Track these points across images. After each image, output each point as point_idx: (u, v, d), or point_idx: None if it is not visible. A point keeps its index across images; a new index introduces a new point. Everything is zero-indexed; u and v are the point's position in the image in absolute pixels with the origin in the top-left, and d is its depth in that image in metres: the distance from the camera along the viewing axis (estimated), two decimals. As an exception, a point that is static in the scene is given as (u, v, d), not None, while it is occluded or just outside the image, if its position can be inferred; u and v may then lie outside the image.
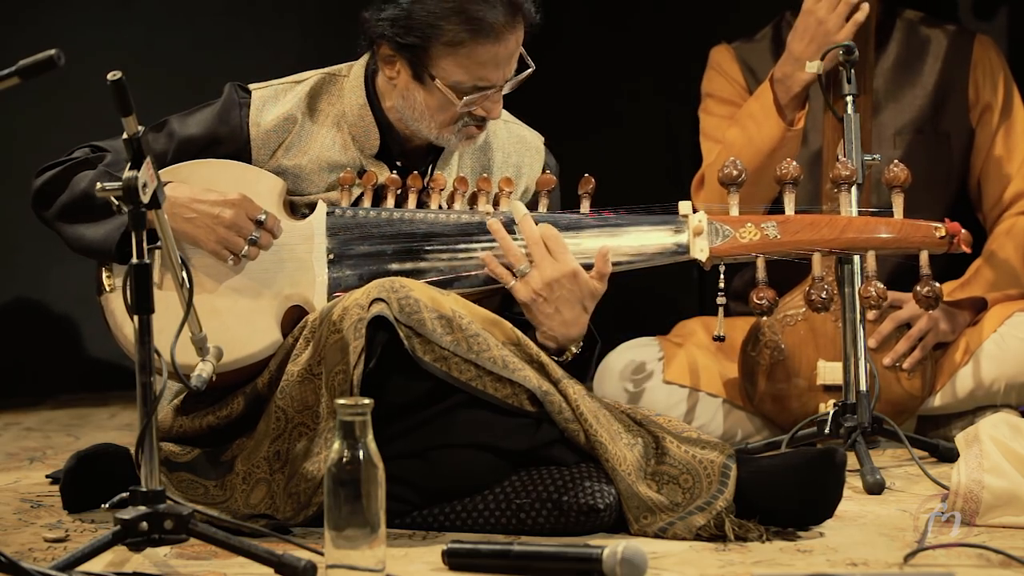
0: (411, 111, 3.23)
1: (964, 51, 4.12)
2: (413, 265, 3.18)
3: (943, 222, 3.28)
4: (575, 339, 3.14)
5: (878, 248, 3.26)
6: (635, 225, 3.22)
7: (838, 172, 3.37)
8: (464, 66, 3.15)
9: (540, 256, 3.11)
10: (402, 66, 3.21)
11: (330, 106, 3.31)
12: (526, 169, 3.40)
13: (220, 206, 3.12)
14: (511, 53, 3.18)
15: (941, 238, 3.26)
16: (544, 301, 3.10)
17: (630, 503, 2.95)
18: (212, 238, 3.12)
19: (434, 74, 3.16)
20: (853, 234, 3.26)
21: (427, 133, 3.24)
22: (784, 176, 3.30)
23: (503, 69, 3.18)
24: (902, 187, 3.31)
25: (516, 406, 2.98)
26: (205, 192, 3.12)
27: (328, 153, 3.28)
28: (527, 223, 3.14)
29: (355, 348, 2.91)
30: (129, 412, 4.70)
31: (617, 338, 4.12)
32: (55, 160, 3.24)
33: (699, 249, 3.20)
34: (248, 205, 3.14)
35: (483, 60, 3.15)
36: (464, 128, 3.24)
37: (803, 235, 3.24)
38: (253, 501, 3.01)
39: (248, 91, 3.32)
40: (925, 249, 3.26)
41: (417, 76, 3.19)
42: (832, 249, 3.26)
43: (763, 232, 3.22)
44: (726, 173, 3.27)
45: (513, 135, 3.42)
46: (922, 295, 3.27)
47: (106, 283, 3.20)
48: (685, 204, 3.24)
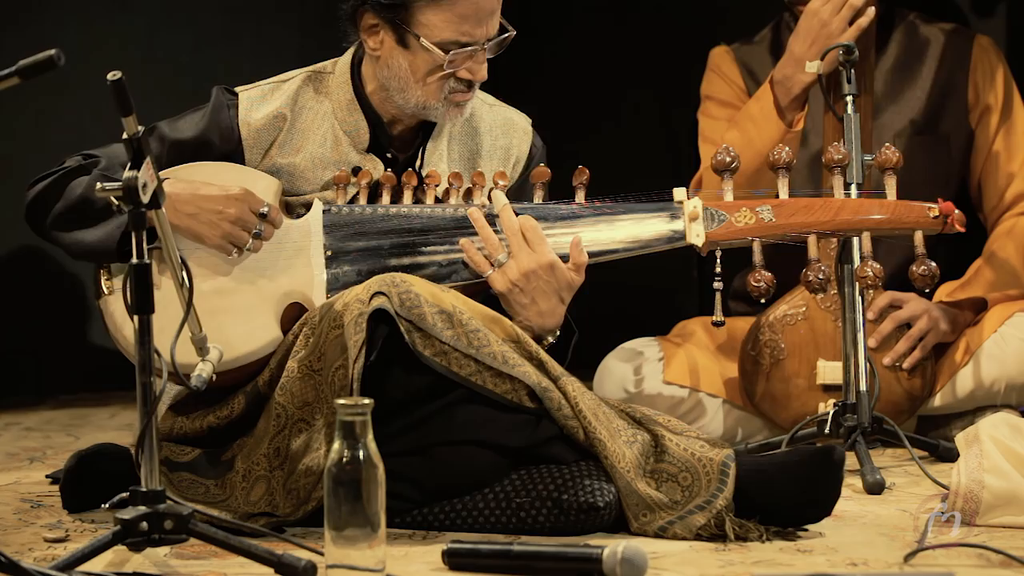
0: (396, 80, 3.24)
1: (964, 52, 4.12)
2: (411, 260, 3.20)
3: (936, 202, 3.30)
4: (551, 329, 3.18)
5: (872, 229, 3.30)
6: (630, 213, 3.24)
7: (830, 156, 3.39)
8: (446, 20, 3.17)
9: (518, 247, 3.14)
10: (385, 33, 3.22)
11: (319, 103, 3.33)
12: (514, 151, 3.43)
13: (224, 201, 3.13)
14: (492, 8, 3.21)
15: (935, 218, 3.29)
16: (520, 291, 3.13)
17: (629, 500, 2.95)
18: (217, 233, 3.13)
19: (417, 32, 3.18)
20: (847, 216, 3.29)
21: (414, 102, 3.24)
22: (776, 161, 3.35)
23: (485, 25, 3.20)
24: (894, 169, 3.35)
25: (515, 402, 2.99)
26: (206, 187, 3.13)
27: (321, 150, 3.30)
28: (506, 213, 3.17)
29: (356, 342, 2.92)
30: (129, 412, 4.70)
31: (617, 338, 4.12)
32: (45, 172, 3.24)
33: (695, 234, 3.23)
34: (251, 199, 3.15)
35: (465, 13, 3.17)
36: (450, 95, 3.24)
37: (798, 218, 3.28)
38: (253, 498, 3.01)
39: (235, 93, 3.34)
40: (919, 229, 3.29)
41: (401, 39, 3.21)
42: (827, 231, 3.28)
43: (758, 216, 3.26)
44: (719, 160, 3.32)
45: (500, 117, 3.44)
46: (918, 274, 3.29)
47: (104, 286, 3.20)
48: (680, 191, 3.28)
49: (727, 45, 4.25)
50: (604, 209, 3.25)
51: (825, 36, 3.79)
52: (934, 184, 4.01)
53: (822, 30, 3.80)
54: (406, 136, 3.36)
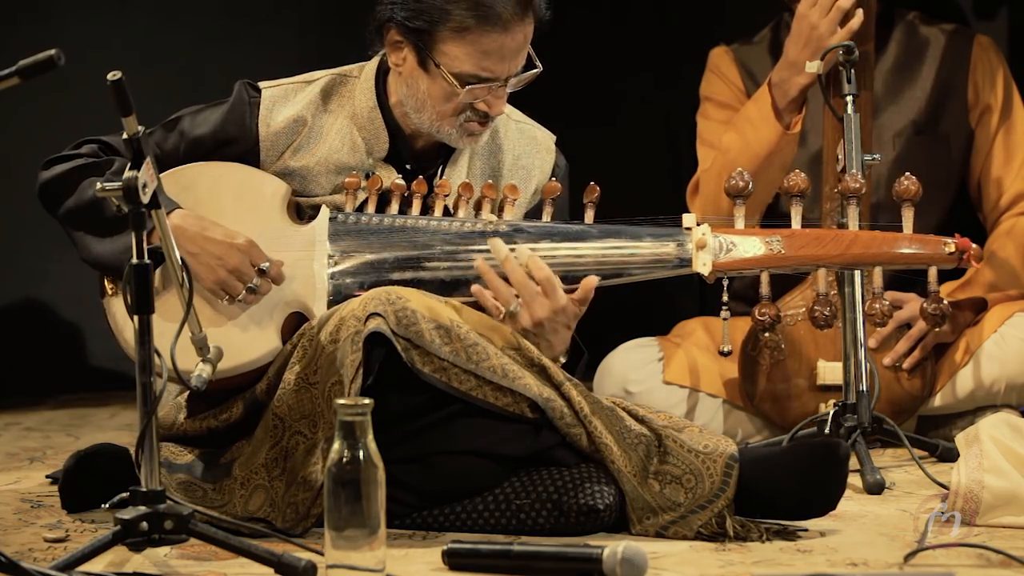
0: (413, 100, 3.22)
1: (964, 52, 4.12)
2: (414, 274, 3.16)
3: (953, 237, 3.21)
4: (559, 355, 3.14)
5: (885, 264, 3.21)
6: (637, 238, 3.20)
7: (847, 185, 3.29)
8: (469, 53, 3.13)
9: (530, 297, 3.07)
10: (408, 52, 3.19)
11: (340, 107, 3.30)
12: (536, 171, 3.38)
13: (227, 249, 3.09)
14: (518, 47, 3.16)
15: (950, 254, 3.19)
16: (533, 335, 3.08)
17: (635, 504, 2.94)
18: (212, 278, 3.10)
19: (439, 61, 3.15)
20: (859, 250, 3.20)
21: (428, 124, 3.22)
22: (791, 188, 3.26)
23: (508, 63, 3.16)
24: (912, 201, 3.23)
25: (517, 414, 2.97)
26: (214, 228, 3.09)
27: (336, 155, 3.27)
28: (510, 265, 3.08)
29: (352, 361, 2.90)
30: (129, 412, 4.70)
31: (617, 338, 4.12)
32: (61, 153, 3.23)
33: (702, 263, 3.16)
34: (254, 252, 3.11)
35: (488, 49, 3.13)
36: (466, 123, 3.21)
37: (808, 250, 3.19)
38: (252, 508, 3.00)
39: (258, 89, 3.31)
40: (934, 265, 3.20)
41: (422, 62, 3.17)
42: (838, 265, 3.22)
43: (768, 246, 3.19)
44: (732, 184, 3.25)
45: (524, 135, 3.40)
46: (929, 312, 3.22)
47: (108, 286, 3.20)
48: (689, 217, 3.20)
49: (726, 46, 4.25)
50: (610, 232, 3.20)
51: (816, 39, 3.78)
52: (934, 184, 4.00)
53: (812, 33, 3.79)
54: (428, 151, 3.32)
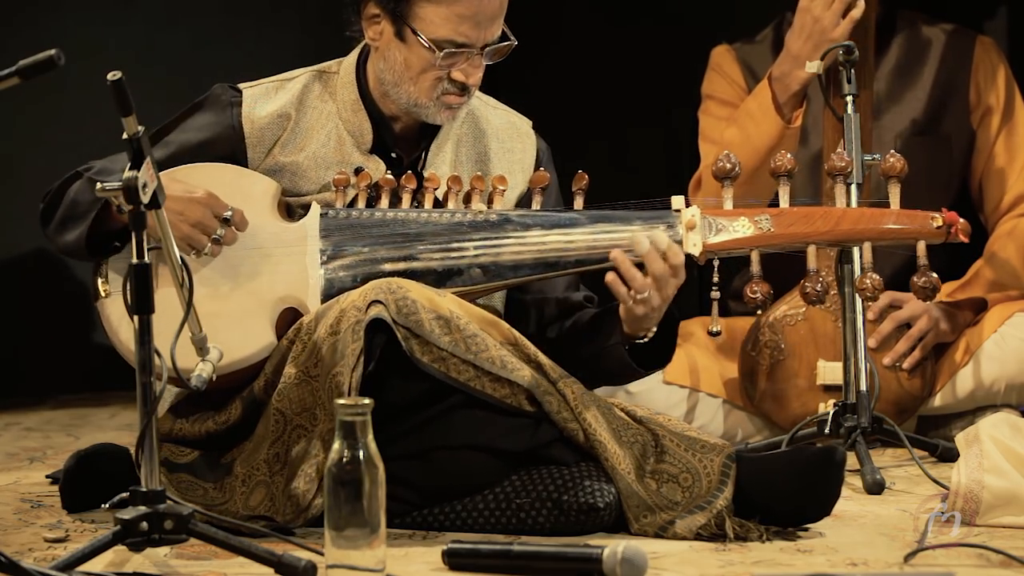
0: (391, 73, 3.24)
1: (965, 52, 4.12)
2: (406, 265, 3.16)
3: (940, 211, 3.23)
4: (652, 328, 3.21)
5: (874, 239, 3.22)
6: (627, 221, 3.21)
7: (833, 164, 3.33)
8: (445, 17, 3.16)
9: (664, 281, 3.11)
10: (386, 23, 3.22)
11: (323, 103, 3.32)
12: (519, 155, 3.41)
13: (186, 204, 3.08)
14: (493, 13, 3.19)
15: (938, 228, 3.20)
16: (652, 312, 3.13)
17: (630, 502, 2.95)
18: (176, 235, 3.06)
19: (415, 27, 3.17)
20: (848, 226, 3.22)
21: (406, 99, 3.24)
22: (779, 168, 3.28)
23: (484, 29, 3.18)
24: (899, 177, 3.26)
25: (515, 406, 2.98)
26: (172, 185, 3.05)
27: (324, 150, 3.29)
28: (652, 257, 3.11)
29: (353, 350, 2.91)
30: (129, 412, 4.70)
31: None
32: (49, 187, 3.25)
33: (692, 244, 3.18)
34: (214, 202, 3.11)
35: (464, 13, 3.15)
36: (443, 96, 3.23)
37: (797, 228, 3.22)
38: (252, 503, 3.00)
39: (239, 90, 3.33)
40: (922, 239, 3.21)
41: (399, 32, 3.20)
42: (827, 241, 3.24)
43: (757, 225, 3.20)
44: (719, 167, 3.26)
45: (504, 121, 3.43)
46: (919, 286, 3.23)
47: (101, 289, 3.19)
48: (678, 199, 3.22)
49: (729, 44, 4.25)
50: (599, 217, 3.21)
51: (819, 32, 3.79)
52: (935, 185, 4.01)
53: (815, 26, 3.80)
54: (409, 135, 3.34)
